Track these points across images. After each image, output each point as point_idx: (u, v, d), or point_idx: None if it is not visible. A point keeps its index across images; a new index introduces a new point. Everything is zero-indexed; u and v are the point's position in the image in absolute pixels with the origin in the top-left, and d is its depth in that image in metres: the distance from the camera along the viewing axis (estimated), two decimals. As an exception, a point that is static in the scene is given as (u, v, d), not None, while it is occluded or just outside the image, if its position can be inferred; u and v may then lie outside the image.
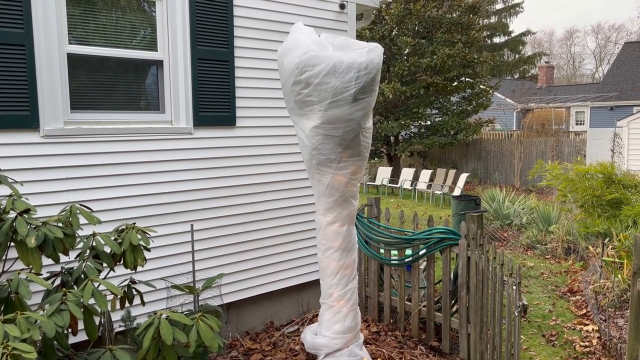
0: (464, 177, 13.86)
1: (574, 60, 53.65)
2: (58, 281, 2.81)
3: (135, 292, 2.93)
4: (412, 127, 17.34)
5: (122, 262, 2.78)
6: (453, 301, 4.35)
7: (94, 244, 2.76)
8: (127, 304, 2.92)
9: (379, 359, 4.04)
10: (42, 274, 2.59)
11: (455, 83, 17.13)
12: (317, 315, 4.44)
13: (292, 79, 3.31)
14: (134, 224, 2.88)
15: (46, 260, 2.76)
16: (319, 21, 4.78)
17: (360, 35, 15.95)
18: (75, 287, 2.60)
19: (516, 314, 3.36)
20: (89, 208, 2.86)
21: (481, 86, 17.61)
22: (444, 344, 4.33)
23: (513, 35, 39.01)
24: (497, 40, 38.96)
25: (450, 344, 4.32)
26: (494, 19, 38.02)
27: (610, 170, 6.97)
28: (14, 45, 3.20)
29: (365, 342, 4.20)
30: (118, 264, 2.82)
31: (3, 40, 3.17)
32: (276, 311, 4.83)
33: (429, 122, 17.36)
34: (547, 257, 7.73)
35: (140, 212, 3.80)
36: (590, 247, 6.91)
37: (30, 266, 2.48)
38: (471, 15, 16.80)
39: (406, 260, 4.49)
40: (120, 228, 2.90)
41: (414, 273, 4.52)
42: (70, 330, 2.37)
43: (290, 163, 4.70)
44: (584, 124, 27.57)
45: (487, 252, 3.82)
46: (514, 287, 3.41)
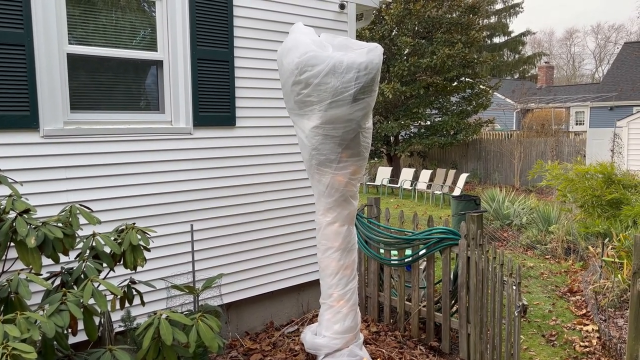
0: (463, 177, 13.86)
1: (573, 60, 53.70)
2: (58, 281, 2.81)
3: (135, 292, 2.93)
4: (412, 127, 17.35)
5: (122, 262, 2.78)
6: (453, 301, 4.36)
7: (93, 244, 2.76)
8: (127, 304, 2.92)
9: (378, 359, 4.04)
10: (42, 274, 2.59)
11: (455, 83, 17.14)
12: (317, 316, 4.44)
13: (292, 79, 3.31)
14: (134, 224, 2.88)
15: (46, 261, 2.77)
16: (318, 21, 4.78)
17: (360, 36, 15.95)
18: (75, 287, 2.61)
19: (516, 314, 3.37)
20: (89, 208, 2.86)
21: (481, 86, 17.62)
22: (444, 344, 4.33)
23: (513, 35, 39.05)
24: (497, 40, 39.00)
25: (450, 344, 4.32)
26: (493, 19, 38.05)
27: (610, 170, 6.97)
28: (13, 46, 3.20)
29: (365, 342, 4.20)
30: (118, 264, 2.82)
31: (3, 40, 3.17)
32: (276, 311, 4.83)
33: (428, 122, 17.37)
34: (547, 257, 7.73)
35: (140, 212, 3.81)
36: (590, 247, 6.91)
37: (30, 266, 2.48)
38: (471, 16, 16.81)
39: (406, 260, 4.49)
40: (120, 228, 2.90)
41: (414, 273, 4.52)
42: (70, 331, 2.37)
43: (290, 163, 4.70)
44: (583, 124, 27.59)
45: (487, 252, 3.82)
46: (514, 287, 3.41)
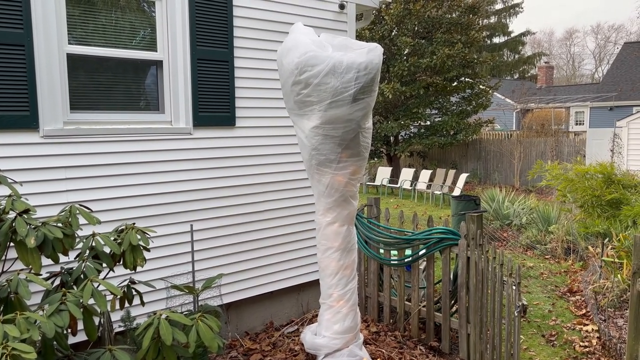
0: (463, 177, 13.86)
1: (573, 60, 53.71)
2: (57, 281, 2.81)
3: (134, 293, 2.93)
4: (411, 127, 17.35)
5: (121, 263, 2.78)
6: (453, 301, 4.36)
7: (93, 244, 2.76)
8: (126, 304, 2.92)
9: (378, 359, 4.04)
10: (41, 274, 2.59)
11: (455, 83, 17.14)
12: (316, 316, 4.44)
13: (291, 79, 3.30)
14: (134, 224, 2.88)
15: (46, 261, 2.76)
16: (318, 21, 4.78)
17: (360, 36, 15.95)
18: (75, 287, 2.60)
19: (516, 314, 3.37)
20: (89, 208, 2.86)
21: (481, 86, 17.62)
22: (444, 344, 4.33)
23: (513, 35, 39.07)
24: (496, 40, 39.03)
25: (450, 344, 4.32)
26: (493, 19, 38.07)
27: (609, 170, 6.97)
28: (13, 46, 3.20)
29: (365, 342, 4.20)
30: (118, 264, 2.82)
31: (3, 40, 3.17)
32: (276, 311, 4.83)
33: (428, 122, 17.37)
34: (546, 257, 7.73)
35: (140, 212, 3.81)
36: (589, 247, 6.91)
37: (30, 266, 2.48)
38: (471, 16, 16.81)
39: (406, 260, 4.49)
40: (119, 228, 2.90)
41: (414, 273, 4.52)
42: (69, 331, 2.37)
43: (290, 163, 4.70)
44: (583, 124, 27.59)
45: (486, 252, 3.82)
46: (514, 287, 3.41)
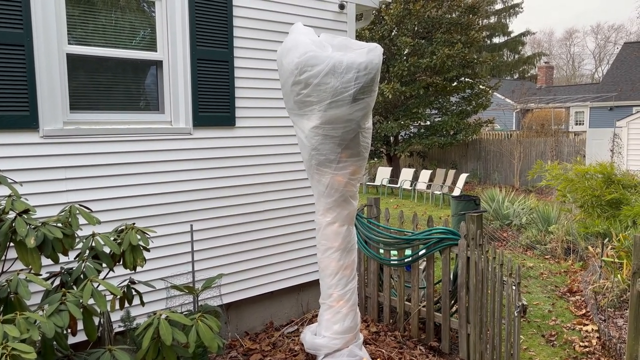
0: (463, 177, 13.86)
1: (573, 60, 53.71)
2: (57, 281, 2.81)
3: (134, 293, 2.93)
4: (411, 127, 17.35)
5: (121, 263, 2.78)
6: (453, 301, 4.35)
7: (93, 244, 2.76)
8: (126, 305, 2.92)
9: (378, 359, 4.04)
10: (41, 275, 2.59)
11: (455, 83, 17.14)
12: (316, 316, 4.44)
13: (291, 79, 3.30)
14: (134, 224, 2.88)
15: (45, 261, 2.76)
16: (318, 21, 4.78)
17: (360, 36, 15.95)
18: (75, 287, 2.60)
19: (516, 314, 3.36)
20: (89, 208, 2.86)
21: (481, 86, 17.62)
22: (444, 344, 4.33)
23: (512, 35, 39.09)
24: (496, 40, 39.06)
25: (450, 344, 4.32)
26: (493, 19, 38.10)
27: (609, 171, 6.97)
28: (13, 46, 3.20)
29: (365, 342, 4.20)
30: (117, 264, 2.82)
31: (2, 40, 3.16)
32: (276, 311, 4.83)
33: (428, 123, 17.37)
34: (546, 257, 7.73)
35: (139, 212, 3.80)
36: (589, 247, 6.91)
37: (30, 266, 2.48)
38: (471, 16, 16.82)
39: (406, 260, 4.49)
40: (119, 228, 2.90)
41: (414, 273, 4.52)
42: (69, 331, 2.37)
43: (290, 163, 4.70)
44: (583, 124, 27.59)
45: (486, 252, 3.82)
46: (514, 287, 3.41)
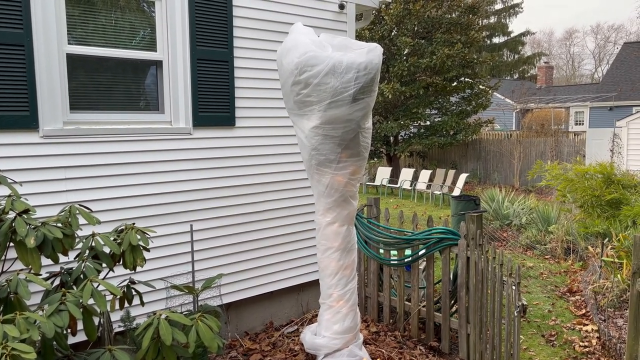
0: (463, 177, 13.87)
1: (573, 60, 53.72)
2: (57, 281, 2.81)
3: (134, 293, 2.93)
4: (411, 127, 17.35)
5: (121, 263, 2.78)
6: (452, 301, 4.36)
7: (93, 244, 2.76)
8: (126, 305, 2.92)
9: (378, 359, 4.04)
10: (41, 274, 2.59)
11: (455, 83, 17.14)
12: (316, 316, 4.44)
13: (291, 79, 3.30)
14: (134, 224, 2.88)
15: (45, 261, 2.76)
16: (318, 21, 4.78)
17: (360, 36, 15.95)
18: (75, 287, 2.60)
19: (515, 314, 3.36)
20: (89, 208, 2.86)
21: (480, 86, 17.62)
22: (444, 344, 4.33)
23: (512, 35, 39.12)
24: (496, 40, 39.08)
25: (450, 344, 4.32)
26: (493, 19, 38.12)
27: (609, 171, 6.97)
28: (13, 46, 3.20)
29: (365, 342, 4.20)
30: (117, 264, 2.82)
31: (2, 40, 3.16)
32: (276, 311, 4.83)
33: (428, 123, 17.37)
34: (546, 257, 7.73)
35: (139, 212, 3.80)
36: (589, 247, 6.91)
37: (30, 266, 2.48)
38: (470, 16, 16.82)
39: (405, 260, 4.49)
40: (119, 228, 2.90)
41: (414, 273, 4.52)
42: (69, 331, 2.37)
43: (290, 163, 4.70)
44: (583, 124, 27.59)
45: (486, 252, 3.82)
46: (514, 287, 3.41)
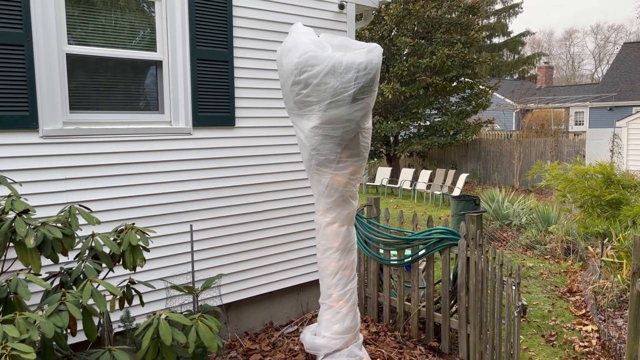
0: (463, 177, 13.87)
1: (573, 60, 53.72)
2: (57, 282, 2.81)
3: (134, 293, 2.93)
4: (411, 127, 17.35)
5: (121, 263, 2.78)
6: (452, 301, 4.35)
7: (93, 244, 2.75)
8: (126, 305, 2.91)
9: (378, 359, 4.04)
10: (41, 275, 2.59)
11: (455, 83, 17.14)
12: (316, 316, 4.44)
13: (291, 79, 3.30)
14: (133, 224, 2.88)
15: (45, 261, 2.76)
16: (318, 21, 4.78)
17: (360, 36, 15.96)
18: (74, 287, 2.60)
19: (515, 314, 3.36)
20: (88, 208, 2.86)
21: (480, 86, 17.62)
22: (444, 344, 4.33)
23: (512, 35, 39.13)
24: (496, 40, 39.11)
25: (450, 344, 4.32)
26: (493, 20, 38.14)
27: (609, 171, 6.98)
28: (13, 46, 3.20)
29: (365, 343, 4.20)
30: (117, 264, 2.82)
31: (2, 40, 3.16)
32: (275, 311, 4.83)
33: (428, 123, 17.37)
34: (546, 257, 7.73)
35: (139, 212, 3.80)
36: (589, 247, 6.91)
37: (29, 267, 2.48)
38: (470, 16, 16.82)
39: (405, 260, 4.49)
40: (119, 228, 2.89)
41: (414, 273, 4.52)
42: (69, 331, 2.36)
43: (290, 163, 4.70)
44: (583, 124, 27.60)
45: (486, 252, 3.82)
46: (513, 287, 3.41)
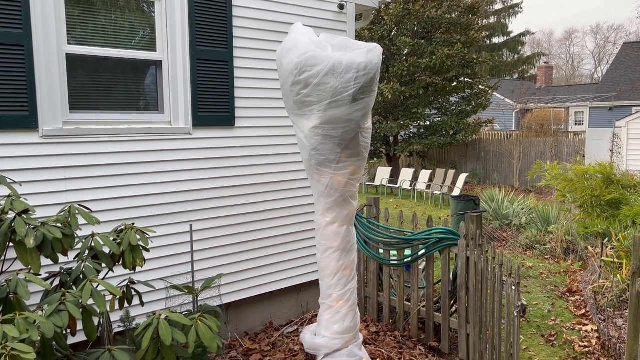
0: (463, 177, 13.87)
1: (573, 60, 53.73)
2: (57, 282, 2.81)
3: (134, 293, 2.93)
4: (411, 127, 17.35)
5: (121, 263, 2.78)
6: (452, 301, 4.35)
7: (92, 244, 2.75)
8: (126, 305, 2.91)
9: (378, 359, 4.04)
10: (41, 275, 2.59)
11: (455, 83, 17.14)
12: (316, 316, 4.44)
13: (291, 79, 3.30)
14: (133, 224, 2.88)
15: (45, 261, 2.76)
16: (318, 21, 4.78)
17: (360, 36, 15.95)
18: (74, 287, 2.60)
19: (515, 314, 3.36)
20: (88, 208, 2.86)
21: (480, 86, 17.62)
22: (443, 344, 4.33)
23: (512, 35, 39.13)
24: (496, 40, 39.11)
25: (450, 344, 4.32)
26: (493, 20, 38.14)
27: (609, 171, 6.98)
28: (12, 46, 3.20)
29: (365, 343, 4.20)
30: (117, 264, 2.82)
31: (2, 40, 3.16)
32: (275, 311, 4.83)
33: (428, 123, 17.37)
34: (546, 257, 7.73)
35: (139, 212, 3.80)
36: (589, 247, 6.91)
37: (29, 267, 2.48)
38: (470, 16, 16.82)
39: (405, 260, 4.49)
40: (119, 228, 2.89)
41: (413, 273, 4.52)
42: (69, 331, 2.36)
43: (290, 163, 4.70)
44: (583, 124, 27.60)
45: (486, 252, 3.82)
46: (513, 287, 3.41)
